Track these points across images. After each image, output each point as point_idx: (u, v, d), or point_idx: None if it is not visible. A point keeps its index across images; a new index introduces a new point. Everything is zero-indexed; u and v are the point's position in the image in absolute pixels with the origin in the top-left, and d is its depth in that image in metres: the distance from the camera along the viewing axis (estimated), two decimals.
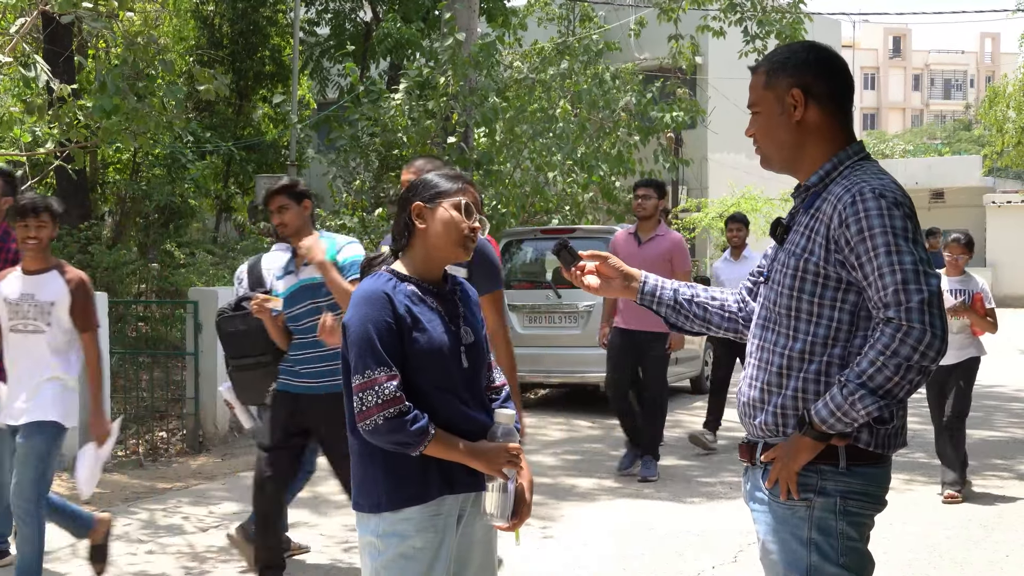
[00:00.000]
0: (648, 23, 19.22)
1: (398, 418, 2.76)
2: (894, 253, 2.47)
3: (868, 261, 2.50)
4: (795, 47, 2.79)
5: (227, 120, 19.05)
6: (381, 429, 2.77)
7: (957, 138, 60.42)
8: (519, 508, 2.92)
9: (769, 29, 16.01)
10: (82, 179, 14.16)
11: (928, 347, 2.42)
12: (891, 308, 2.45)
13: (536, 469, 8.20)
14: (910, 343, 2.42)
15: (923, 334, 2.42)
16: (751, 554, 5.85)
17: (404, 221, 2.98)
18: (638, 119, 15.92)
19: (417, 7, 17.62)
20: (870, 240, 2.50)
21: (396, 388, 2.78)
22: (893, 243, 2.48)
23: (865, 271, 2.52)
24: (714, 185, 27.36)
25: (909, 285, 2.44)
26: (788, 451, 2.60)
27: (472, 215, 2.96)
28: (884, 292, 2.46)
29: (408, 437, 2.77)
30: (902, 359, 2.43)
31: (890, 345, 2.43)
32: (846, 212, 2.54)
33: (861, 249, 2.52)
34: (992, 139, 26.69)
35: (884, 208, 2.51)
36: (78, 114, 7.99)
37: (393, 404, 2.77)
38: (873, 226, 2.50)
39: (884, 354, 2.44)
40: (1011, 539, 6.38)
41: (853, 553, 2.63)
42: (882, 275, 2.47)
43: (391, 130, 13.32)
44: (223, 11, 19.40)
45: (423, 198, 2.96)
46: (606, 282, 3.02)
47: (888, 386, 2.45)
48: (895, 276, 2.46)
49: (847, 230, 2.54)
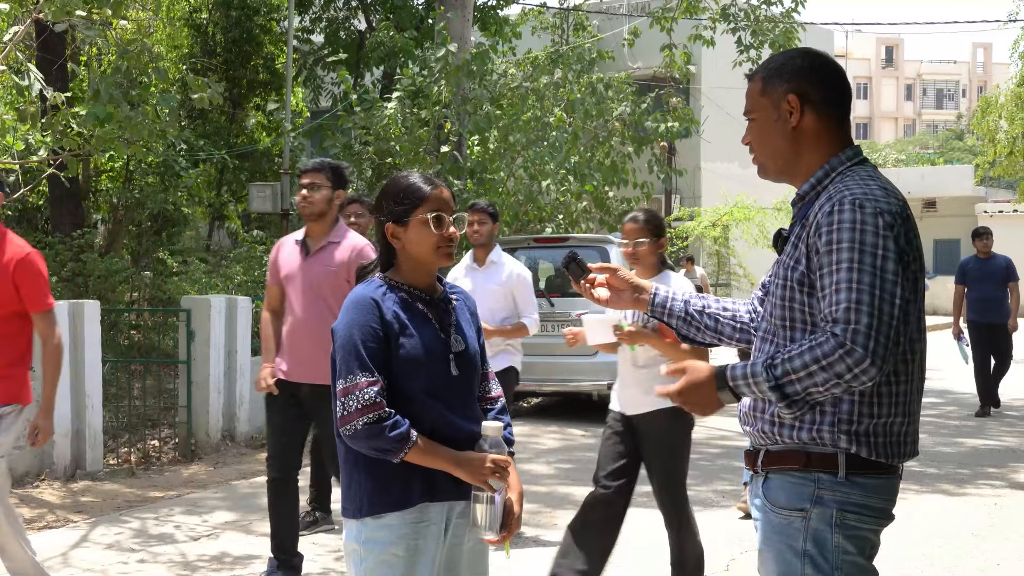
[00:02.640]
0: (642, 33, 19.28)
1: (377, 424, 2.76)
2: (855, 271, 2.43)
3: (828, 274, 2.47)
4: (791, 53, 2.78)
5: (220, 128, 19.04)
6: (361, 434, 2.78)
7: (950, 147, 60.62)
8: (508, 521, 2.90)
9: (763, 39, 16.08)
10: (75, 187, 14.14)
11: (863, 372, 2.39)
12: (839, 324, 2.41)
13: (530, 478, 8.19)
14: (848, 362, 2.39)
15: (862, 359, 2.38)
16: (743, 563, 5.85)
17: (382, 240, 3.01)
18: (632, 129, 15.95)
19: (411, 16, 17.67)
20: (836, 253, 2.47)
21: (376, 394, 2.78)
22: (857, 260, 2.44)
23: (824, 282, 2.49)
24: (707, 194, 27.41)
25: (862, 306, 2.40)
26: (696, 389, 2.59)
27: (443, 224, 2.95)
28: (836, 308, 2.42)
29: (387, 443, 2.77)
30: (833, 374, 2.40)
31: (829, 357, 2.40)
32: (823, 221, 2.52)
33: (825, 260, 2.49)
34: (984, 149, 26.76)
35: (858, 221, 2.47)
36: (71, 122, 7.98)
37: (372, 409, 2.77)
38: (842, 239, 2.47)
39: (819, 362, 2.41)
40: (1003, 547, 6.38)
41: (851, 567, 2.58)
42: (838, 290, 2.44)
43: (384, 139, 13.33)
44: (217, 19, 19.40)
45: (392, 218, 2.96)
46: (616, 294, 3.01)
47: (810, 391, 2.44)
48: (850, 294, 2.42)
49: (819, 239, 2.52)
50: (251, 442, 9.58)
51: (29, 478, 7.89)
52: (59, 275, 12.54)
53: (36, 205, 16.70)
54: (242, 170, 18.72)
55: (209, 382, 9.26)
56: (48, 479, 7.94)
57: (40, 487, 7.79)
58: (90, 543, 6.36)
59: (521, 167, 14.24)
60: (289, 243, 5.59)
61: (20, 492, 7.61)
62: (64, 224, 14.15)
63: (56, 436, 8.00)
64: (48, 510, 7.21)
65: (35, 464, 7.98)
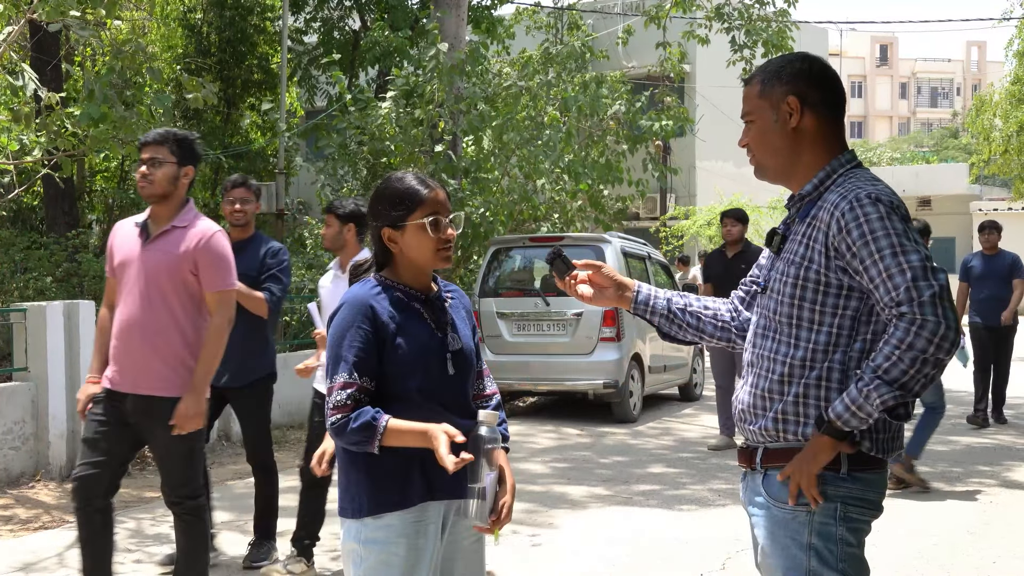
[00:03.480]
0: (636, 32, 19.30)
1: (343, 422, 2.80)
2: (900, 254, 2.49)
3: (873, 264, 2.52)
4: (788, 57, 2.83)
5: (215, 128, 19.02)
6: (336, 431, 2.82)
7: (944, 146, 60.71)
8: (499, 508, 2.89)
9: (756, 38, 16.10)
10: (69, 187, 14.13)
11: (943, 339, 2.43)
12: (904, 304, 2.46)
13: (525, 477, 8.20)
14: (925, 335, 2.43)
15: (937, 326, 2.43)
16: (739, 561, 5.86)
17: (378, 245, 3.01)
18: (627, 128, 15.96)
19: (405, 15, 17.66)
20: (874, 243, 2.52)
21: (348, 396, 2.81)
22: (898, 243, 2.50)
23: (871, 274, 2.53)
24: (702, 193, 27.44)
25: (919, 282, 2.46)
26: (806, 455, 2.60)
27: (440, 226, 2.96)
28: (896, 292, 2.48)
29: (355, 435, 2.79)
30: (917, 352, 2.44)
31: (905, 339, 2.44)
32: (845, 218, 2.56)
33: (864, 253, 2.53)
34: (979, 147, 26.83)
35: (883, 212, 2.54)
36: (66, 122, 7.98)
37: (342, 411, 2.80)
38: (875, 229, 2.53)
39: (899, 348, 2.45)
40: (998, 545, 6.40)
41: (851, 559, 2.64)
42: (891, 275, 2.49)
43: (379, 138, 13.33)
44: (211, 19, 19.38)
45: (388, 223, 2.96)
46: (599, 291, 3.05)
47: (904, 379, 2.46)
48: (905, 275, 2.47)
49: (848, 236, 2.56)
50: None
51: (25, 479, 7.89)
52: (54, 275, 12.53)
53: (31, 205, 16.69)
54: (237, 170, 18.69)
55: None
56: (44, 479, 7.93)
57: (36, 487, 7.79)
58: None
59: (516, 166, 14.24)
60: (128, 226, 4.73)
61: (16, 492, 7.61)
62: (59, 224, 14.13)
63: (52, 436, 8.01)
64: (44, 510, 7.21)
65: (31, 464, 7.98)
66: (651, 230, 25.65)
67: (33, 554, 6.10)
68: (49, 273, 12.54)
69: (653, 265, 12.59)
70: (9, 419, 7.79)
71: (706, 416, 11.65)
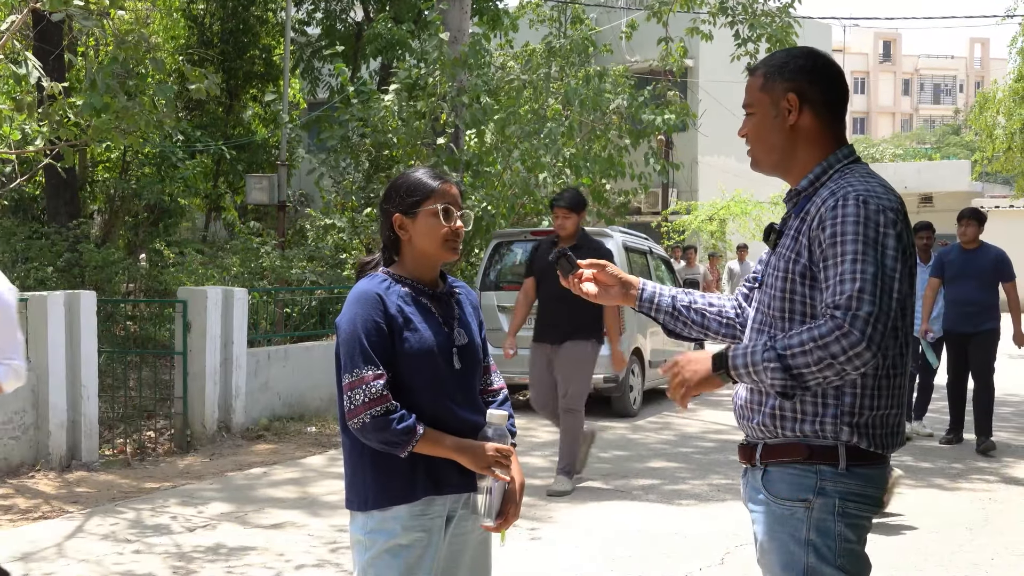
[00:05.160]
0: (639, 26, 19.27)
1: (384, 416, 2.79)
2: (859, 262, 2.48)
3: (833, 265, 2.52)
4: (794, 52, 2.81)
5: (217, 119, 19.03)
6: (368, 427, 2.80)
7: (947, 143, 60.63)
8: (507, 508, 2.92)
9: (760, 33, 16.08)
10: (71, 177, 14.12)
11: (857, 356, 2.43)
12: (839, 310, 2.46)
13: (525, 471, 8.17)
14: (844, 344, 2.43)
15: (858, 343, 2.42)
16: (738, 556, 5.87)
17: (387, 233, 3.02)
18: (629, 122, 15.95)
19: (408, 7, 17.63)
20: (840, 246, 2.52)
21: (383, 387, 2.81)
22: (861, 252, 2.49)
23: (828, 273, 2.53)
24: (704, 188, 27.43)
25: (864, 295, 2.45)
26: (696, 367, 2.63)
27: (451, 217, 2.98)
28: (839, 296, 2.47)
29: (394, 436, 2.80)
30: (828, 354, 2.44)
31: (825, 337, 2.44)
32: (826, 215, 2.57)
33: (830, 252, 2.53)
34: (982, 145, 26.80)
35: (862, 216, 2.53)
36: (68, 112, 7.97)
37: (380, 403, 2.80)
38: (846, 232, 2.52)
39: (816, 342, 2.45)
40: (996, 542, 6.40)
41: (850, 555, 2.64)
42: (842, 280, 2.48)
43: (381, 131, 13.32)
44: (214, 10, 19.37)
45: (401, 209, 2.99)
46: (604, 289, 3.04)
47: (803, 371, 2.47)
48: (854, 284, 2.46)
49: (823, 232, 2.56)
50: (247, 433, 9.58)
51: (24, 468, 7.90)
52: (55, 265, 12.53)
53: (32, 195, 16.69)
54: (239, 161, 18.71)
55: (205, 373, 9.26)
56: (44, 469, 7.94)
57: (35, 477, 7.79)
58: (85, 534, 6.37)
59: (518, 160, 14.23)
60: None
61: (15, 482, 7.62)
62: (60, 214, 14.13)
63: (52, 426, 8.01)
64: (44, 500, 7.21)
65: (31, 454, 7.99)
66: (653, 224, 25.64)
67: (32, 544, 6.11)
68: (50, 263, 12.55)
69: (654, 260, 12.59)
70: (9, 408, 7.79)
71: (706, 411, 11.66)
